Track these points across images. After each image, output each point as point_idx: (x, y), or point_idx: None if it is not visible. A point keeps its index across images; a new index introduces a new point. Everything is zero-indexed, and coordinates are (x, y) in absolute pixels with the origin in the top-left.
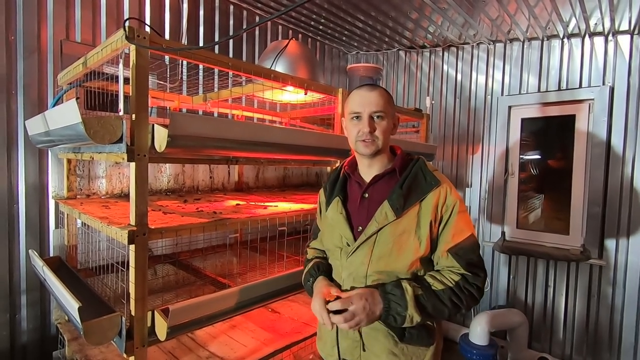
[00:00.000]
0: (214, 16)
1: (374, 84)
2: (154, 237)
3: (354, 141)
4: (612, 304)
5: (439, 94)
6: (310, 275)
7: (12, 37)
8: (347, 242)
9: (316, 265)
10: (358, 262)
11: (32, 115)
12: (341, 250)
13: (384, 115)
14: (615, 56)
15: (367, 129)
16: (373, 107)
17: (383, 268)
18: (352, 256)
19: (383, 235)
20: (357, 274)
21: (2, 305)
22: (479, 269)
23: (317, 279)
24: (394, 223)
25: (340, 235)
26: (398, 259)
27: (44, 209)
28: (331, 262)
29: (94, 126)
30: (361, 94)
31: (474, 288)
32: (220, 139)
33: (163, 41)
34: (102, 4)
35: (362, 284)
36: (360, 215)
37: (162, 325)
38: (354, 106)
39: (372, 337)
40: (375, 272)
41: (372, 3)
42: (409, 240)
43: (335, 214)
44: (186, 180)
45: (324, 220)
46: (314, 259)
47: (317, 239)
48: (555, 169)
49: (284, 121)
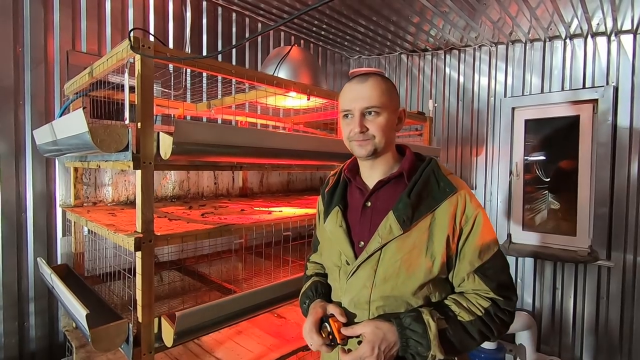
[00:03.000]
0: (217, 24)
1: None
2: (160, 243)
3: (347, 142)
4: (621, 305)
5: (442, 97)
6: (307, 297)
7: (20, 49)
8: (347, 260)
9: (314, 286)
10: (359, 285)
11: (39, 125)
12: (340, 269)
13: (379, 110)
14: (618, 56)
15: (357, 128)
16: (365, 102)
17: (389, 292)
18: (352, 277)
19: (388, 253)
20: (358, 299)
21: (11, 313)
22: (511, 292)
23: (313, 302)
24: (401, 238)
25: (339, 252)
26: (407, 282)
27: (52, 217)
28: (330, 282)
29: (101, 135)
30: (351, 87)
31: (506, 314)
32: (224, 145)
33: (167, 50)
34: (107, 15)
35: (365, 311)
36: (362, 228)
37: (168, 331)
38: (344, 103)
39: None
40: (380, 298)
41: (373, 8)
42: (419, 258)
43: (334, 227)
44: (191, 186)
45: (322, 233)
46: (313, 278)
47: (317, 252)
48: (561, 170)
49: (287, 126)
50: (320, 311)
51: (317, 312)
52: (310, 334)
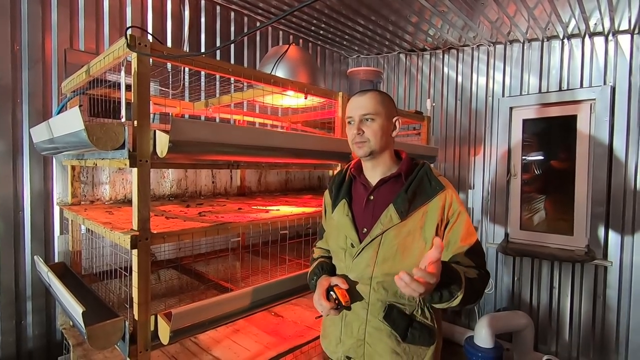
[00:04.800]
0: (215, 23)
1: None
2: (156, 241)
3: (351, 145)
4: (618, 304)
5: (440, 96)
6: (315, 274)
7: (17, 47)
8: (352, 243)
9: (320, 265)
10: (363, 264)
11: (36, 123)
12: (345, 251)
13: (374, 117)
14: (615, 56)
15: (355, 130)
16: (362, 110)
17: (388, 270)
18: (357, 258)
19: (388, 238)
20: (362, 276)
21: (9, 312)
22: (485, 267)
23: (320, 277)
24: (399, 225)
25: (345, 237)
26: (403, 261)
27: (49, 215)
28: (335, 262)
29: (97, 133)
30: (354, 99)
31: (485, 282)
32: (221, 144)
33: (164, 49)
34: (105, 13)
35: (367, 285)
36: (366, 217)
37: (165, 329)
38: (348, 111)
39: (376, 337)
40: (380, 274)
41: (372, 7)
42: (414, 241)
43: (342, 216)
44: (189, 185)
45: (329, 222)
46: (319, 259)
47: (323, 239)
48: (558, 170)
49: (285, 125)
50: (326, 283)
51: (323, 284)
52: (320, 301)
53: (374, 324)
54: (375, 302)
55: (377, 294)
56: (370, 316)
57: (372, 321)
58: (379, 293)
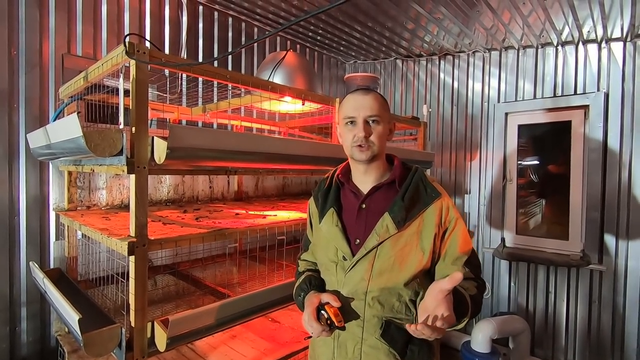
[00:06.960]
0: (213, 29)
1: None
2: (153, 248)
3: (350, 147)
4: (613, 309)
5: (436, 102)
6: (302, 290)
7: (15, 52)
8: (344, 255)
9: (308, 279)
10: (358, 277)
11: (33, 128)
12: (337, 264)
13: (379, 119)
14: (609, 63)
15: (362, 133)
16: (368, 111)
17: (384, 284)
18: (351, 271)
19: (384, 249)
20: (356, 290)
21: (3, 318)
22: (481, 274)
23: (308, 294)
24: (396, 236)
25: (335, 249)
26: (400, 273)
27: (45, 220)
28: (324, 277)
29: (95, 139)
30: (355, 97)
31: (483, 290)
32: (218, 150)
33: (162, 56)
34: (103, 18)
35: (362, 301)
36: (358, 227)
37: (161, 335)
38: (349, 110)
39: (373, 356)
40: (376, 289)
41: (369, 14)
42: (411, 252)
43: (331, 227)
44: (186, 190)
45: (317, 233)
46: (306, 272)
47: (309, 251)
48: (553, 175)
49: (283, 131)
50: (316, 301)
51: (313, 302)
52: (310, 322)
53: (370, 343)
54: (370, 319)
55: (373, 310)
56: (366, 334)
57: (369, 339)
58: (374, 309)
